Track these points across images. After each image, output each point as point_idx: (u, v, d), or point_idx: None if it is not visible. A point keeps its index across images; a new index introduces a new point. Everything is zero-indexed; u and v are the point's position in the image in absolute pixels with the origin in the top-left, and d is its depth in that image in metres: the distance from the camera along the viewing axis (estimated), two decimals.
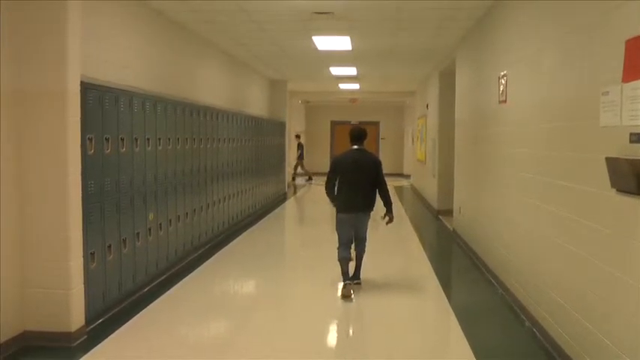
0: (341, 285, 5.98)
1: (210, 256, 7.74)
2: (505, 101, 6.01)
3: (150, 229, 6.09)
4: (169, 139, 6.65)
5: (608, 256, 3.41)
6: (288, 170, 16.90)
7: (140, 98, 5.89)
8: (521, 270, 5.34)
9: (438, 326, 5.38)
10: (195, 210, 7.61)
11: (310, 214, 13.92)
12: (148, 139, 6.04)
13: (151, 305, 5.53)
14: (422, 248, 8.61)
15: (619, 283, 3.26)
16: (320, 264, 7.45)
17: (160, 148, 6.35)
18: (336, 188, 6.03)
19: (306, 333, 4.93)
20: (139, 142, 5.78)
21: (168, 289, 6.10)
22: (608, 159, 3.27)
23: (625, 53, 3.16)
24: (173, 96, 7.23)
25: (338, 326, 5.39)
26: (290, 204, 14.72)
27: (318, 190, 18.39)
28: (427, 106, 14.22)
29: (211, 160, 8.46)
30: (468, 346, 4.54)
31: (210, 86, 9.67)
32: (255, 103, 13.56)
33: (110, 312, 5.13)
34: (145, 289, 5.89)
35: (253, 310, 5.59)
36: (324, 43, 9.41)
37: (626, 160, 3.07)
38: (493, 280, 6.38)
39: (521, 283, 5.34)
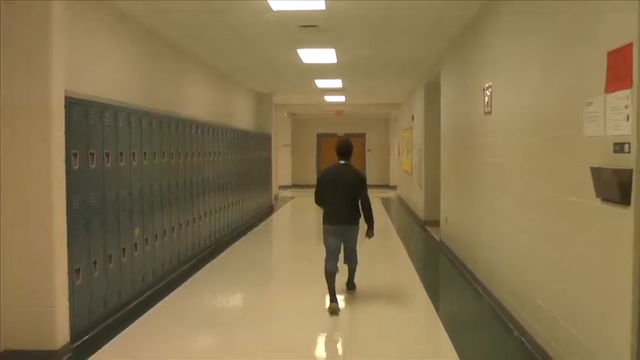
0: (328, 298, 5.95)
1: (197, 270, 7.69)
2: (490, 112, 6.06)
3: (136, 244, 6.03)
4: (155, 154, 6.62)
5: (594, 265, 3.43)
6: (275, 183, 16.85)
7: (125, 112, 5.85)
8: (509, 279, 5.36)
9: (426, 337, 5.36)
10: (181, 224, 7.56)
11: (297, 227, 13.89)
12: (134, 154, 6.00)
13: (138, 321, 5.47)
14: (409, 259, 8.62)
15: (605, 292, 3.28)
16: (307, 277, 7.42)
17: (145, 162, 6.31)
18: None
19: (293, 346, 4.89)
20: (124, 157, 5.74)
21: (155, 304, 6.04)
22: (592, 169, 3.30)
23: (607, 64, 3.20)
24: (159, 110, 7.20)
25: (326, 339, 5.36)
26: (277, 217, 14.68)
27: (304, 203, 18.39)
28: (413, 117, 14.30)
29: (197, 173, 8.42)
30: (457, 356, 4.53)
31: (196, 100, 9.66)
32: (241, 116, 13.55)
33: (96, 329, 5.06)
34: (132, 305, 5.82)
35: (240, 324, 5.53)
36: (310, 56, 9.45)
37: (611, 169, 3.10)
38: (480, 290, 6.39)
39: (509, 292, 5.35)
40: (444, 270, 8.33)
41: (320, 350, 5.06)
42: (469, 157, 7.22)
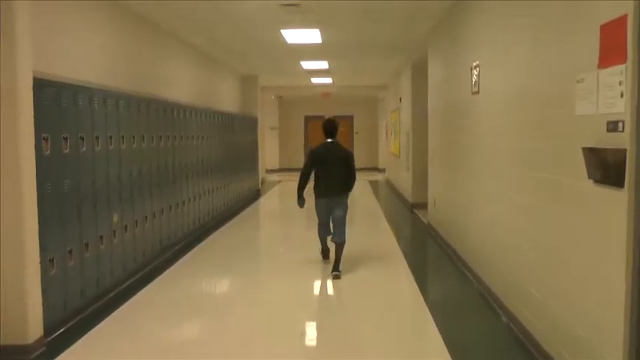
0: (318, 283, 5.83)
1: (181, 257, 7.52)
2: (478, 92, 5.90)
3: (115, 232, 5.85)
4: (134, 137, 6.40)
5: (586, 248, 3.29)
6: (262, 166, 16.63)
7: (102, 94, 5.62)
8: (498, 263, 5.24)
9: (411, 322, 5.24)
10: (163, 210, 7.37)
11: (284, 211, 13.72)
12: (111, 137, 5.78)
13: (117, 311, 5.29)
14: (396, 243, 8.48)
15: (598, 276, 3.15)
16: (293, 261, 7.30)
17: (124, 146, 6.10)
18: (311, 178, 6.62)
19: (281, 332, 4.76)
20: (100, 141, 5.53)
21: (136, 293, 5.87)
22: (584, 149, 3.15)
23: (600, 38, 3.04)
24: (139, 92, 6.97)
25: (312, 323, 5.22)
26: (264, 200, 14.51)
27: (292, 187, 18.21)
28: (400, 99, 14.12)
29: (180, 157, 8.21)
30: (443, 341, 4.42)
31: (178, 82, 9.41)
32: (226, 99, 13.31)
33: (72, 320, 4.89)
34: (111, 295, 5.65)
35: (226, 311, 5.38)
36: (293, 36, 9.22)
37: (604, 149, 2.96)
38: (468, 274, 6.28)
39: (497, 276, 5.24)
40: (431, 254, 8.22)
41: (305, 336, 4.91)
42: (457, 138, 7.07)
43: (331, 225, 6.67)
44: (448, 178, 7.76)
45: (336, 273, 6.39)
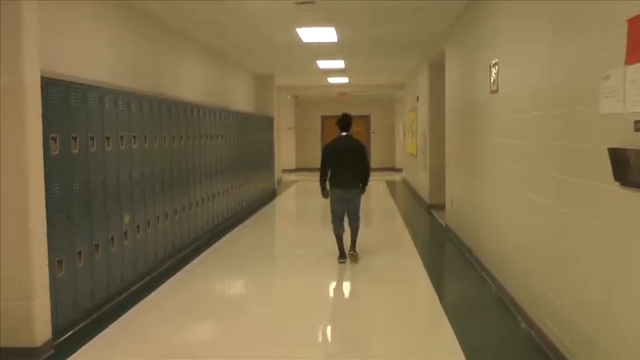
0: (333, 286, 5.70)
1: (193, 259, 7.43)
2: (497, 91, 5.73)
3: (126, 233, 5.77)
4: (146, 137, 6.33)
5: (612, 255, 3.13)
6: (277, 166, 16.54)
7: (112, 94, 5.55)
8: (517, 267, 5.07)
9: (428, 326, 5.09)
10: (176, 210, 7.29)
11: (300, 211, 13.62)
12: (122, 137, 5.72)
13: (127, 313, 5.22)
14: (413, 244, 8.31)
15: (620, 284, 2.98)
16: (308, 264, 7.19)
17: (135, 146, 6.03)
18: (328, 173, 6.91)
19: (293, 334, 4.64)
20: (111, 141, 5.46)
21: (147, 295, 5.79)
22: (611, 150, 2.98)
23: (628, 33, 2.87)
24: (149, 92, 6.90)
25: (326, 326, 5.10)
26: (280, 201, 14.41)
27: (308, 187, 18.11)
28: (417, 98, 13.93)
29: (193, 158, 8.14)
30: (459, 348, 4.27)
31: (191, 82, 9.35)
32: (241, 99, 13.24)
33: (81, 323, 4.81)
34: (121, 297, 5.57)
35: (238, 314, 5.28)
36: (309, 34, 9.10)
37: (633, 150, 2.79)
38: (487, 278, 6.11)
39: (517, 281, 5.07)
40: (449, 256, 8.05)
41: (320, 342, 4.79)
42: (475, 138, 6.89)
43: (345, 220, 7.04)
44: (466, 179, 7.59)
45: (352, 253, 7.00)
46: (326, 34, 9.11)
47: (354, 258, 6.96)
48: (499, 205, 5.72)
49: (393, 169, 22.82)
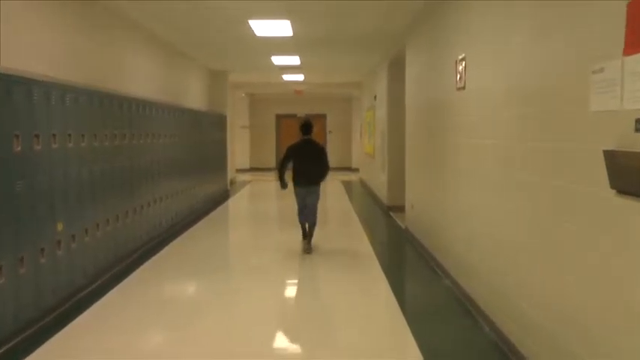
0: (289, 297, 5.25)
1: (139, 266, 6.85)
2: (464, 87, 5.39)
3: (59, 242, 5.18)
4: (83, 136, 5.75)
5: (605, 271, 2.78)
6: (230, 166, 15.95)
7: (42, 87, 4.95)
8: (488, 279, 4.73)
9: (389, 339, 4.70)
10: (118, 216, 6.70)
11: (253, 213, 13.09)
12: (54, 136, 5.13)
13: (60, 333, 4.63)
14: (372, 249, 7.92)
15: (620, 305, 2.64)
16: (263, 265, 6.75)
17: (70, 145, 5.44)
18: (288, 170, 7.66)
19: (248, 337, 4.19)
20: (40, 140, 4.87)
21: (84, 311, 5.20)
22: (606, 152, 2.63)
23: (627, 19, 2.52)
24: (88, 85, 6.30)
25: (282, 331, 4.67)
26: (232, 203, 13.85)
27: (263, 187, 17.60)
28: (375, 97, 13.62)
29: (140, 157, 7.55)
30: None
31: (141, 76, 8.75)
32: (194, 96, 12.64)
33: (3, 347, 4.22)
34: (52, 316, 4.97)
35: (185, 328, 4.77)
36: (263, 27, 8.62)
37: (632, 153, 2.44)
38: (453, 287, 5.77)
39: (488, 292, 4.73)
40: (409, 261, 7.70)
41: (274, 341, 4.35)
42: (439, 138, 6.56)
43: None
44: (429, 182, 7.26)
45: (307, 250, 7.56)
46: (280, 28, 8.65)
47: (309, 250, 7.57)
48: (467, 212, 5.39)
49: (350, 169, 22.52)
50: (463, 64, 5.38)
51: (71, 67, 6.26)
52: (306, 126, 7.66)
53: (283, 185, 7.79)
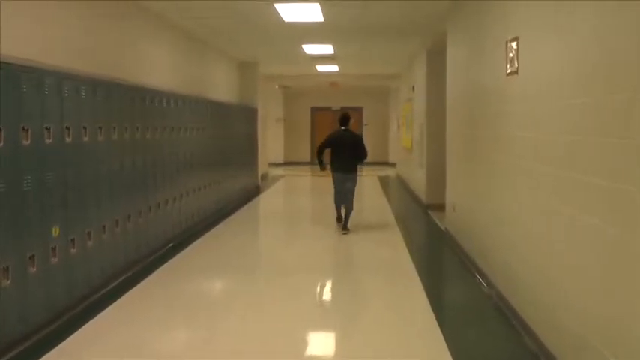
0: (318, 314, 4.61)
1: (151, 273, 6.28)
2: (516, 72, 4.61)
3: (54, 249, 4.63)
4: (100, 129, 5.28)
5: None
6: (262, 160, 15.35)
7: (55, 77, 4.63)
8: (538, 292, 3.97)
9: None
10: (129, 216, 6.14)
11: (286, 211, 12.48)
12: (68, 129, 4.67)
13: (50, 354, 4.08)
14: (408, 254, 7.16)
15: None
16: (297, 267, 6.19)
17: (86, 139, 4.99)
18: (328, 157, 8.49)
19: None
20: (52, 133, 4.39)
21: (82, 325, 4.64)
22: None
23: None
24: (105, 76, 5.77)
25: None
26: (263, 199, 13.26)
27: (297, 182, 17.00)
28: (413, 88, 12.83)
29: (159, 152, 7.02)
30: None
31: (161, 67, 8.23)
32: (221, 87, 12.09)
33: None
34: (43, 333, 4.42)
35: (204, 341, 4.17)
36: (290, 12, 7.94)
37: None
38: (500, 303, 5.01)
39: (538, 310, 3.98)
40: (450, 269, 6.95)
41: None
42: (485, 131, 5.79)
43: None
44: (472, 180, 6.49)
45: (345, 232, 8.29)
46: (310, 12, 7.96)
47: (346, 233, 8.27)
48: (517, 215, 4.62)
49: (387, 164, 21.70)
50: (516, 45, 4.60)
51: (88, 57, 5.80)
52: (344, 118, 8.47)
53: (322, 167, 8.70)
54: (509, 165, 4.90)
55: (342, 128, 8.41)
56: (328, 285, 6.21)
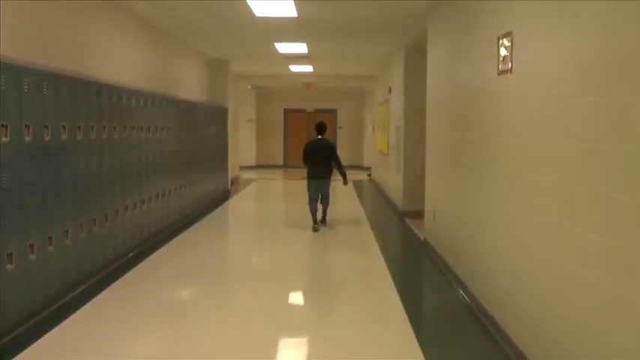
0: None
1: (112, 282, 5.72)
2: (509, 71, 4.19)
3: (10, 255, 4.05)
4: (47, 127, 4.69)
5: None
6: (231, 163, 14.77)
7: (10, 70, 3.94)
8: (535, 317, 3.54)
9: None
10: (95, 220, 5.56)
11: (255, 216, 11.93)
12: (5, 126, 4.04)
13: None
14: (386, 267, 6.70)
15: None
16: (264, 277, 5.64)
17: (28, 139, 4.37)
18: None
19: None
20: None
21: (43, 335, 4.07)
22: None
23: None
24: (56, 69, 5.19)
25: None
26: (233, 204, 12.70)
27: (269, 186, 16.47)
28: (390, 89, 12.41)
29: (120, 154, 6.45)
30: None
31: (123, 62, 7.64)
32: (189, 85, 11.50)
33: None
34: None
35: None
36: (262, 6, 7.44)
37: None
38: (488, 325, 4.58)
39: (533, 335, 3.55)
40: (430, 284, 6.49)
41: None
42: (471, 134, 5.37)
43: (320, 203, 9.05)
44: (454, 186, 6.07)
45: (323, 223, 9.14)
46: (283, 7, 7.47)
47: (324, 224, 9.14)
48: (509, 228, 4.20)
49: (361, 167, 21.29)
50: (509, 41, 4.18)
51: (40, 47, 5.21)
52: (321, 127, 9.08)
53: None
54: (498, 171, 4.47)
55: (319, 137, 8.98)
56: (296, 301, 5.73)
